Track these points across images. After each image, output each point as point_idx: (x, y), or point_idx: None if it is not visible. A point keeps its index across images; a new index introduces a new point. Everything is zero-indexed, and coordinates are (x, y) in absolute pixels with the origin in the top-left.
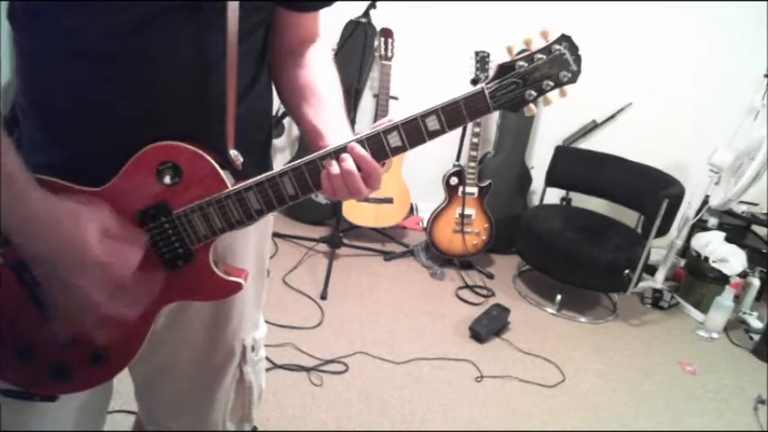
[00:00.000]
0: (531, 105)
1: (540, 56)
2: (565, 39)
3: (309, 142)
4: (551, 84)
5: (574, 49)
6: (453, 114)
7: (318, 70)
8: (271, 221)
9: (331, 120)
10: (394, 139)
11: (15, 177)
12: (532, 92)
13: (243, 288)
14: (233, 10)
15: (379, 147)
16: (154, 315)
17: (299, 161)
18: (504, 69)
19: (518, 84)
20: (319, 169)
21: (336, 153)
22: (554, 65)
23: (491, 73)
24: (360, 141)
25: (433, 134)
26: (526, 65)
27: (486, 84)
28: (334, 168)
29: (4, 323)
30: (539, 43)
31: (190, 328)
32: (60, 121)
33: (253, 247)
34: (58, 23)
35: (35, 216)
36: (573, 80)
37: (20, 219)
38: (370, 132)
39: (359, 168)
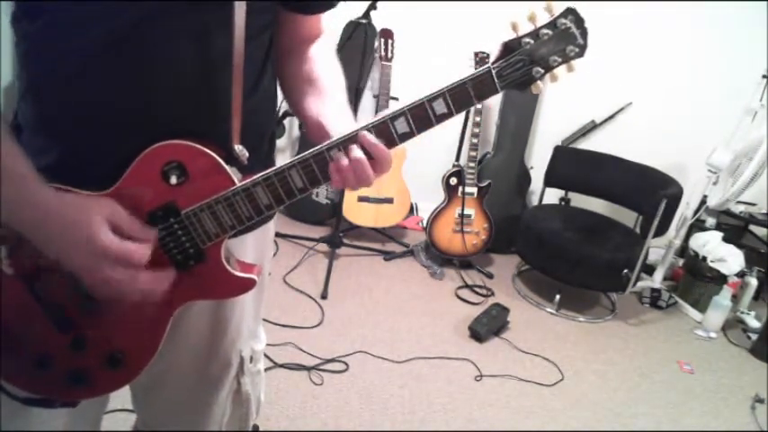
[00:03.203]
0: (538, 82)
1: (545, 31)
2: (570, 12)
3: (312, 135)
4: (558, 60)
5: (580, 22)
6: (460, 96)
7: (320, 63)
8: (271, 229)
9: (333, 111)
10: (401, 125)
11: (26, 178)
12: (540, 69)
13: (256, 284)
14: (240, 7)
15: (387, 134)
16: (169, 316)
17: (306, 153)
18: (510, 47)
19: (524, 61)
20: (327, 160)
21: (344, 143)
22: (560, 40)
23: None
24: (368, 129)
25: (441, 117)
26: (532, 41)
27: (492, 63)
28: (344, 160)
29: (17, 333)
30: (543, 18)
31: (187, 337)
32: (62, 122)
33: (251, 259)
34: (61, 24)
35: (47, 214)
36: (580, 54)
37: (32, 217)
38: (376, 120)
39: (369, 156)
